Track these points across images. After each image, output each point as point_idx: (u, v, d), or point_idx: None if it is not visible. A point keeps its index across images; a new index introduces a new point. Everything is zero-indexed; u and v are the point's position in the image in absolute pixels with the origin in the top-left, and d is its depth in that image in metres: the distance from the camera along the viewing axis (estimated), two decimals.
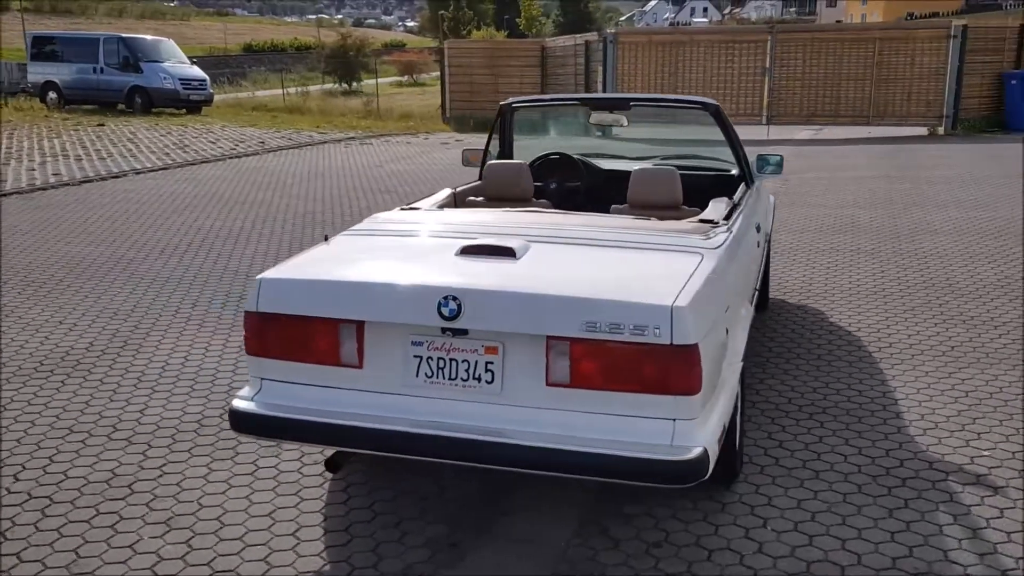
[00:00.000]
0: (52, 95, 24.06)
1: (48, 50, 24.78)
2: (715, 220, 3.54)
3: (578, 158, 5.20)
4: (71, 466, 3.59)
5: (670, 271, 2.90)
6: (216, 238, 7.95)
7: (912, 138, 16.77)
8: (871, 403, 4.16)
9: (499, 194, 4.35)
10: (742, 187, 4.45)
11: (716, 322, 2.89)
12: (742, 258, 3.64)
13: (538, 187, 4.70)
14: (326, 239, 3.45)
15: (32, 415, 4.09)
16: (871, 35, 18.06)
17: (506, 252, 3.00)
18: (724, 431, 2.84)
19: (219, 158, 14.10)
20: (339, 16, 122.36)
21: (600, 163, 5.41)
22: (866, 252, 7.18)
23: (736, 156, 4.70)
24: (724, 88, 18.01)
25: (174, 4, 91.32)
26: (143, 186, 11.16)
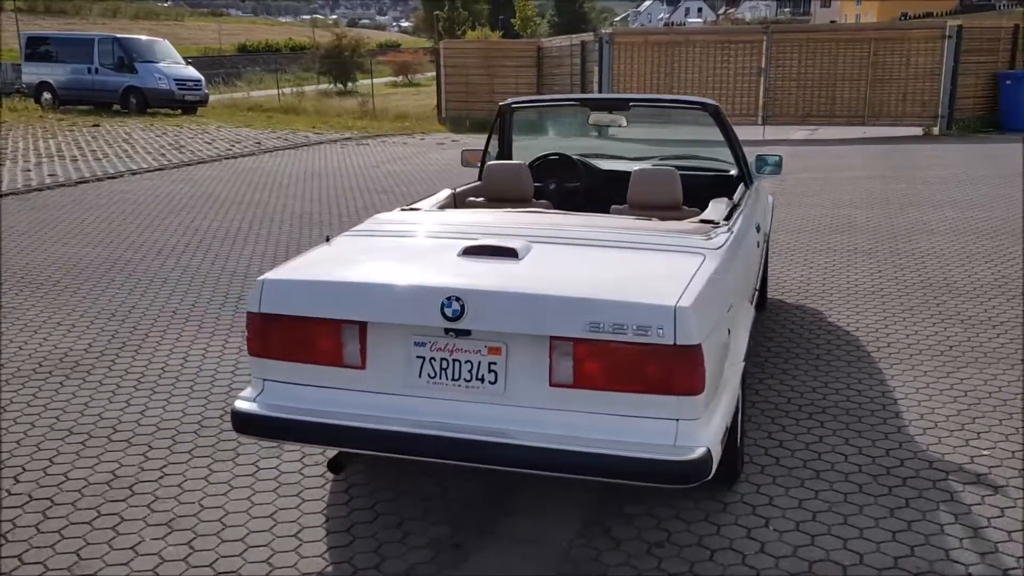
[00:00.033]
0: (47, 95, 24.01)
1: (43, 50, 24.73)
2: (716, 220, 3.54)
3: (577, 158, 5.20)
4: (71, 467, 3.59)
5: (672, 271, 2.91)
6: (213, 239, 7.94)
7: (907, 138, 16.81)
8: (870, 403, 4.17)
9: (499, 194, 4.35)
10: (741, 187, 4.46)
11: (718, 322, 2.89)
12: (743, 258, 3.65)
13: (537, 187, 4.70)
14: (327, 240, 3.45)
15: (32, 416, 4.08)
16: (866, 35, 18.10)
17: (508, 253, 3.00)
18: (727, 431, 2.84)
19: (215, 159, 14.08)
20: (333, 16, 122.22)
21: (599, 163, 5.42)
22: (863, 252, 7.20)
23: (735, 156, 4.71)
24: (720, 88, 18.03)
25: (168, 4, 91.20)
26: (139, 187, 11.14)
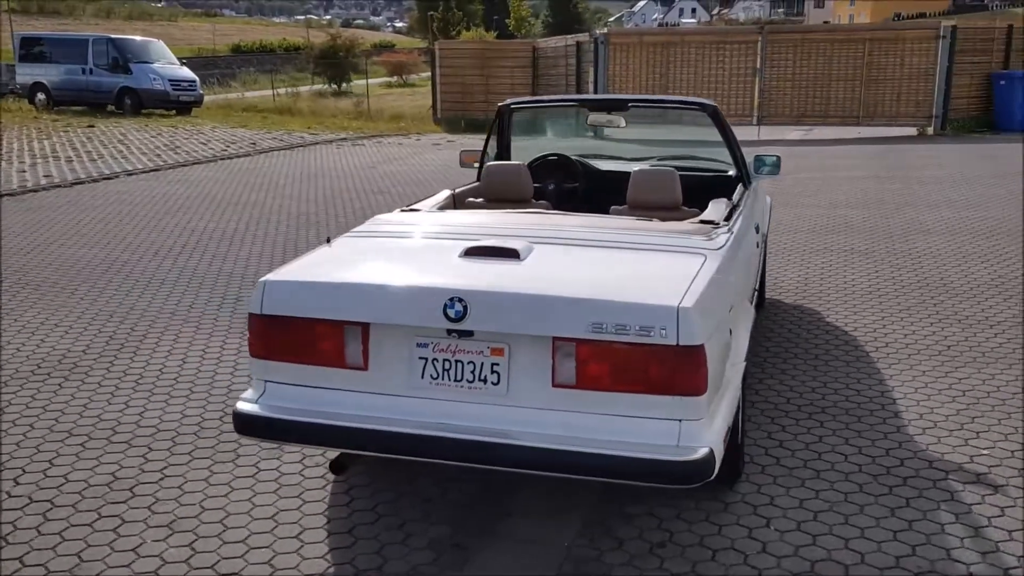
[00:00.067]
0: (41, 96, 23.95)
1: (36, 51, 24.67)
2: (716, 221, 3.55)
3: (576, 159, 5.21)
4: (71, 469, 3.58)
5: (675, 272, 2.91)
6: (210, 240, 7.93)
7: (902, 138, 16.86)
8: (870, 403, 4.18)
9: (498, 195, 4.35)
10: (740, 188, 4.47)
11: (720, 323, 2.90)
12: (743, 259, 3.66)
13: (536, 188, 4.71)
14: (328, 241, 3.44)
15: (30, 418, 4.07)
16: (861, 36, 18.15)
17: (510, 254, 3.00)
18: (729, 431, 2.85)
19: (210, 159, 14.06)
20: (327, 17, 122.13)
21: (597, 164, 5.42)
22: (860, 252, 7.21)
23: (734, 157, 4.71)
24: (715, 89, 18.05)
25: (162, 5, 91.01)
26: (135, 187, 11.12)
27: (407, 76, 43.26)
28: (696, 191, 4.42)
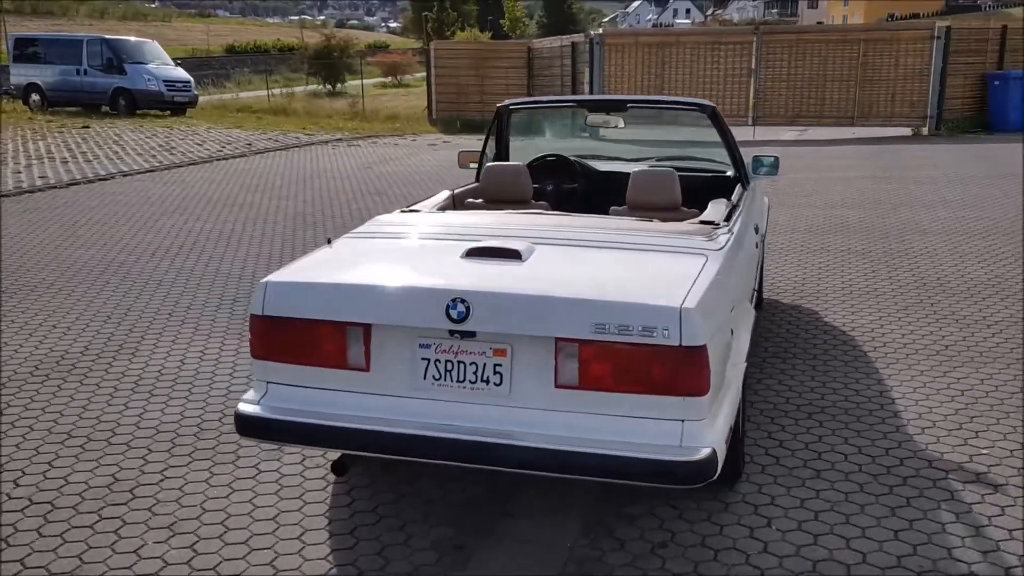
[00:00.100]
0: (35, 97, 23.89)
1: (31, 52, 24.61)
2: (716, 221, 3.55)
3: (574, 159, 5.21)
4: (71, 471, 3.57)
5: (676, 272, 2.92)
6: (207, 240, 7.92)
7: (896, 138, 16.91)
8: (869, 402, 4.19)
9: (498, 196, 4.35)
10: (739, 188, 4.48)
11: (722, 323, 2.90)
12: (743, 259, 3.66)
13: (535, 189, 4.71)
14: (329, 242, 3.44)
15: (29, 420, 4.06)
16: (855, 36, 18.20)
17: (512, 254, 3.00)
18: (730, 431, 2.85)
19: (206, 160, 14.04)
20: (321, 17, 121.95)
21: (596, 165, 5.43)
22: (857, 252, 7.23)
23: (732, 157, 4.72)
24: (710, 89, 18.08)
25: (155, 5, 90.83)
26: (131, 188, 11.10)
27: (401, 76, 43.24)
28: (694, 192, 4.43)
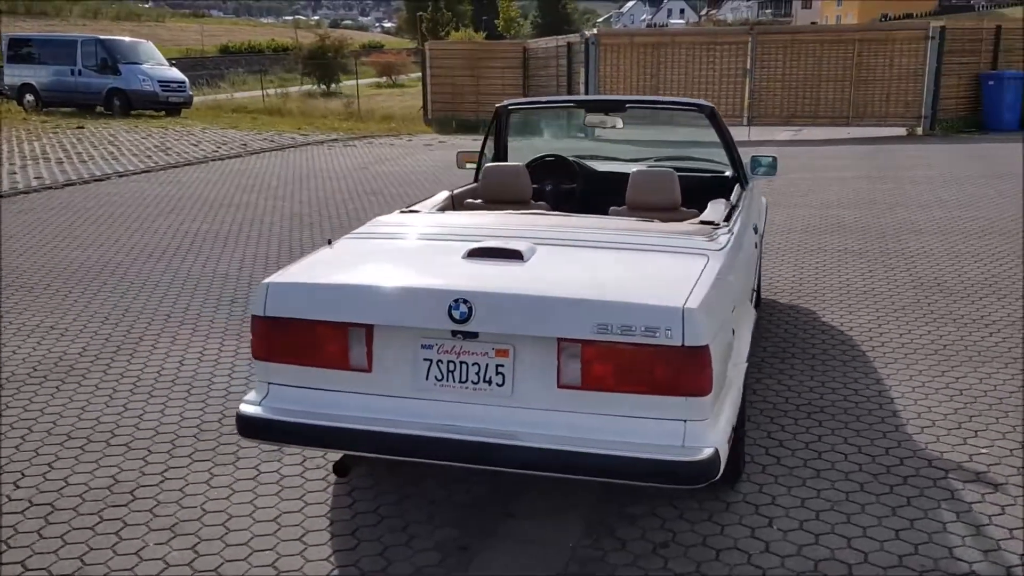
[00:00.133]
0: (29, 97, 23.81)
1: (25, 52, 24.51)
2: (716, 222, 3.56)
3: (573, 160, 5.21)
4: (71, 472, 3.57)
5: (678, 273, 2.92)
6: (204, 241, 7.91)
7: (891, 138, 16.94)
8: (868, 402, 4.20)
9: (497, 196, 4.35)
10: (737, 188, 4.48)
11: (724, 323, 2.91)
12: (743, 259, 3.67)
13: (533, 189, 4.71)
14: (329, 243, 3.44)
15: (28, 421, 4.05)
16: (850, 36, 18.21)
17: (514, 255, 3.00)
18: (732, 431, 2.86)
19: (202, 160, 14.01)
20: (315, 17, 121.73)
21: (594, 165, 5.43)
22: (854, 252, 7.24)
23: (731, 158, 4.73)
24: (705, 89, 18.10)
25: (149, 5, 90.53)
26: (127, 189, 11.08)
27: (396, 77, 43.19)
28: (693, 192, 4.43)
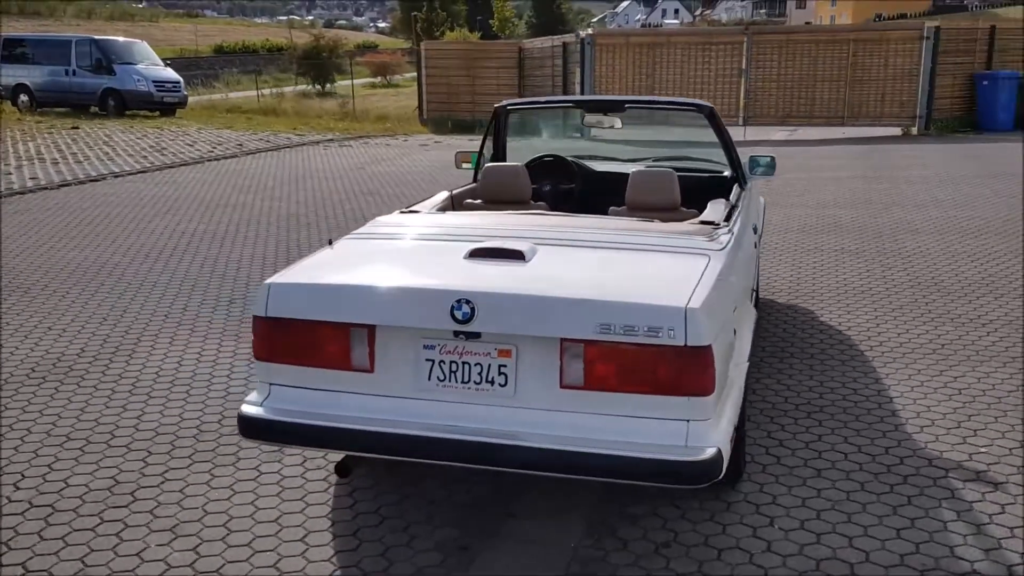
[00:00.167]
0: (23, 98, 23.74)
1: (19, 52, 24.42)
2: (716, 222, 3.56)
3: (572, 160, 5.22)
4: (71, 474, 3.56)
5: (680, 273, 2.92)
6: (200, 241, 7.89)
7: (886, 138, 16.98)
8: (867, 401, 4.20)
9: (497, 196, 4.35)
10: (736, 188, 4.49)
11: (726, 323, 2.91)
12: (743, 259, 3.67)
13: (532, 189, 4.71)
14: (330, 243, 3.44)
15: (27, 422, 4.04)
16: (845, 36, 18.25)
17: (515, 255, 3.00)
18: (734, 431, 2.86)
19: (197, 161, 13.99)
20: (310, 17, 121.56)
21: (592, 165, 5.43)
22: (851, 252, 7.26)
23: (729, 157, 4.74)
24: (701, 89, 18.12)
25: (143, 5, 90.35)
26: (122, 189, 11.05)
27: (391, 77, 43.17)
28: (691, 192, 4.44)
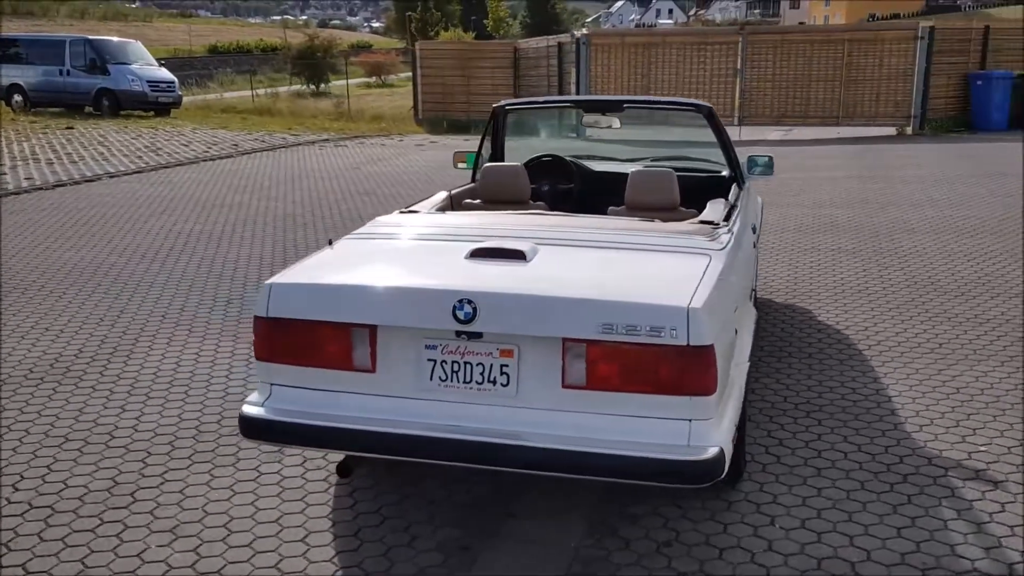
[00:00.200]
0: (17, 98, 23.66)
1: (12, 52, 24.34)
2: (716, 221, 3.57)
3: (570, 160, 5.22)
4: (70, 475, 3.55)
5: (681, 272, 2.93)
6: (197, 241, 7.88)
7: (881, 138, 17.01)
8: (865, 400, 4.21)
9: (496, 196, 4.35)
10: (735, 188, 4.49)
11: (727, 323, 2.92)
12: (743, 259, 3.68)
13: (531, 189, 4.71)
14: (330, 243, 3.43)
15: (26, 423, 4.03)
16: (840, 37, 18.29)
17: (516, 255, 3.00)
18: (736, 430, 2.86)
19: (193, 161, 13.96)
20: (303, 17, 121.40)
21: (591, 165, 5.43)
22: (847, 251, 7.27)
23: (728, 157, 4.74)
24: (696, 89, 18.14)
25: (136, 5, 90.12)
26: (118, 190, 11.03)
27: (385, 77, 43.14)
28: (689, 191, 4.44)
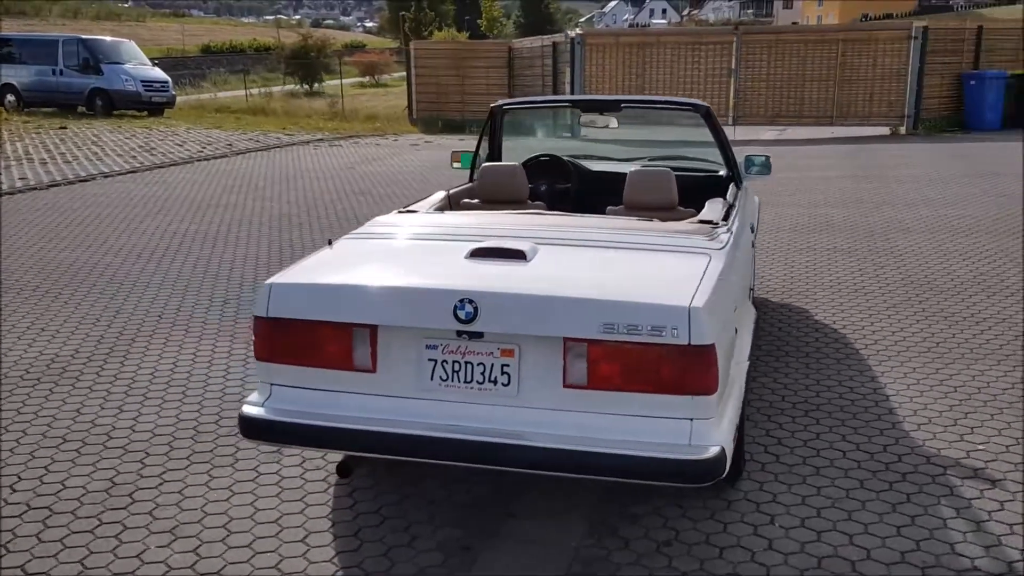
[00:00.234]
0: (10, 98, 23.59)
1: (5, 52, 24.27)
2: (715, 221, 3.57)
3: (568, 160, 5.22)
4: (68, 475, 3.54)
5: (682, 272, 2.93)
6: (192, 241, 7.86)
7: (874, 138, 17.05)
8: (863, 399, 4.22)
9: (494, 196, 4.35)
10: (732, 188, 4.50)
11: (727, 322, 2.92)
12: (742, 258, 3.68)
13: (528, 189, 4.71)
14: (329, 243, 3.42)
15: (23, 424, 4.02)
16: (834, 37, 18.32)
17: (517, 255, 3.00)
18: (737, 429, 2.87)
19: (187, 161, 13.93)
20: (297, 17, 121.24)
21: (588, 165, 5.44)
22: (843, 251, 7.28)
23: (725, 157, 4.75)
24: (691, 89, 18.16)
25: (129, 5, 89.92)
26: (112, 190, 11.00)
27: (379, 76, 43.08)
28: (687, 191, 4.44)
